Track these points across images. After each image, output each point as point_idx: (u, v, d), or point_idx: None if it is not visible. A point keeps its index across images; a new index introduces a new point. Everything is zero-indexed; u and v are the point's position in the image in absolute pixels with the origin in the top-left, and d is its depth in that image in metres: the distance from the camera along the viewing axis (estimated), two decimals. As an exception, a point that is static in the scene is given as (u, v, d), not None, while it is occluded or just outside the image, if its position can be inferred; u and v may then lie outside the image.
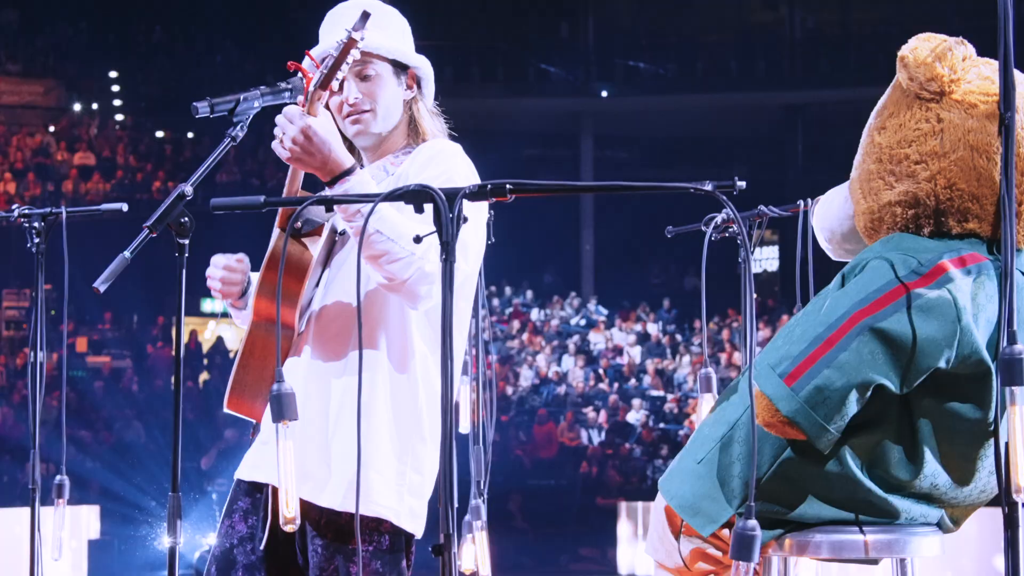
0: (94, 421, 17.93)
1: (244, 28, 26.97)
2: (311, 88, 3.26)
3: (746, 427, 3.08)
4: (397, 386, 3.41)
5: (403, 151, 3.59)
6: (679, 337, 22.93)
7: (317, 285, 3.50)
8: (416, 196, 2.69)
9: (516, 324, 23.52)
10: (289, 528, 2.81)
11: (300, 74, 3.57)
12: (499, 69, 27.19)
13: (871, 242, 3.19)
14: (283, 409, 2.75)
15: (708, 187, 2.59)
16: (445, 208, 2.62)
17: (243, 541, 3.46)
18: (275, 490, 3.36)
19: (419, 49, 3.64)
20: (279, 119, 3.28)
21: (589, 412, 20.01)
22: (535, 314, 24.08)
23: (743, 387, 3.12)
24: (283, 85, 3.55)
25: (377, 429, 3.38)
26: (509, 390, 21.11)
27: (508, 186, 2.67)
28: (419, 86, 3.64)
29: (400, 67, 3.60)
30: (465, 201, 2.65)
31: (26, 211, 4.49)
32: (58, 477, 4.47)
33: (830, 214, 3.36)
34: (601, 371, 21.43)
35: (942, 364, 2.93)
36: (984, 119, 3.04)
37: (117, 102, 27.16)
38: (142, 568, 12.95)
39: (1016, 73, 3.20)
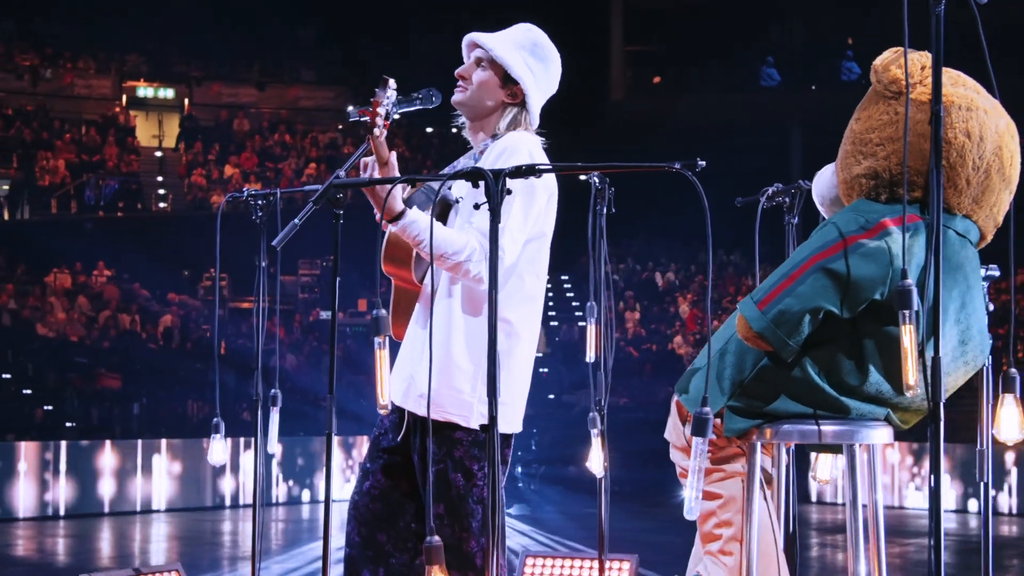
0: (370, 368, 18.74)
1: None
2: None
3: (736, 340, 3.56)
4: (471, 323, 3.87)
5: (490, 139, 4.04)
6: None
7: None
8: (471, 175, 3.25)
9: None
10: (383, 412, 3.44)
11: (429, 90, 4.14)
12: (715, 69, 27.10)
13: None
14: (379, 327, 3.35)
15: (676, 166, 3.04)
16: (492, 182, 3.18)
17: (386, 432, 4.05)
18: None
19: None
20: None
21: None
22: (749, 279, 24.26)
23: None
24: (415, 96, 4.14)
25: (458, 358, 3.86)
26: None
27: (537, 167, 3.22)
28: (524, 105, 4.00)
29: (510, 77, 4.00)
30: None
31: (252, 192, 5.15)
32: (272, 391, 5.04)
33: (821, 184, 3.83)
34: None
35: (877, 296, 3.36)
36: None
37: (395, 104, 27.89)
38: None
39: (966, 78, 3.60)
